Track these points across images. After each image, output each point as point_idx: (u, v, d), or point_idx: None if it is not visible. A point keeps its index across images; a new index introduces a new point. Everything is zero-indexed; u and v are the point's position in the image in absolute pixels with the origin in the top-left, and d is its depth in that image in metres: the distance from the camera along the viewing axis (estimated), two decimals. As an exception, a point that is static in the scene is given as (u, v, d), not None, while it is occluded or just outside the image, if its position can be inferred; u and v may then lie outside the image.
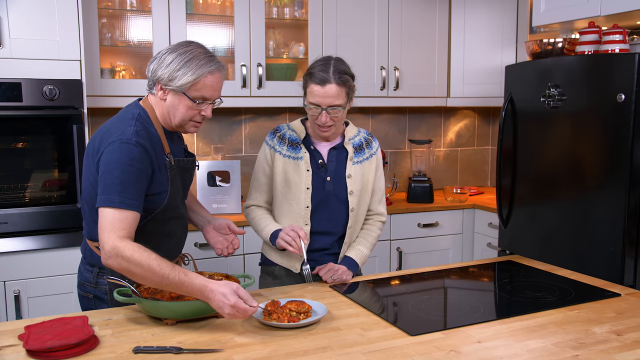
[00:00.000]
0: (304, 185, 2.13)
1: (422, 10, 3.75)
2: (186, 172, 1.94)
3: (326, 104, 2.03)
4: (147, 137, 1.76)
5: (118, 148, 1.69)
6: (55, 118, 2.69)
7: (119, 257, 1.61)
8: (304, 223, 2.15)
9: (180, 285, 1.62)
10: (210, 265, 3.03)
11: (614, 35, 2.68)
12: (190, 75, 1.74)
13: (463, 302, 1.93)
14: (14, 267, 2.65)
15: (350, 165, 2.17)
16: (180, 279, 1.61)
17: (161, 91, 1.79)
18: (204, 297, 1.62)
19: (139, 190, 1.70)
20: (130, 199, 1.66)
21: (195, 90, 1.76)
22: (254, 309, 1.61)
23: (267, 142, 2.21)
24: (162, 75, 1.76)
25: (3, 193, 2.68)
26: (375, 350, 1.51)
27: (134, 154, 1.69)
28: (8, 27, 2.62)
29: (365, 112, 4.02)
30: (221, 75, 1.82)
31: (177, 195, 1.88)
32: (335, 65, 2.05)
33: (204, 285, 1.61)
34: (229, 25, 3.37)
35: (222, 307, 1.59)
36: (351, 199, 2.16)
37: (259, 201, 2.23)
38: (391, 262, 3.54)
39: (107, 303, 1.89)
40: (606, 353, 1.50)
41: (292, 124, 2.23)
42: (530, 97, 2.91)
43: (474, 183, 4.43)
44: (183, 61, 1.75)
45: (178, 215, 1.92)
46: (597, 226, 2.58)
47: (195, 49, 1.80)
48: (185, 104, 1.78)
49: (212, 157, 3.55)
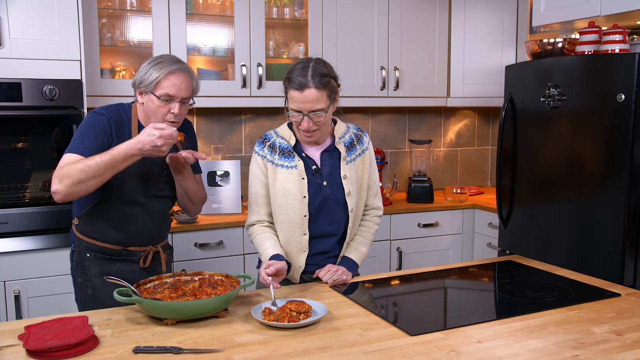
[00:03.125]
0: (301, 194, 2.06)
1: (422, 10, 3.75)
2: (153, 165, 2.09)
3: (307, 110, 1.94)
4: (116, 116, 2.03)
5: (88, 116, 2.05)
6: (55, 118, 2.69)
7: (64, 178, 1.86)
8: (302, 233, 2.08)
9: (114, 157, 1.85)
10: (210, 265, 3.03)
11: (614, 35, 2.68)
12: (153, 74, 1.98)
13: (463, 302, 1.93)
14: (14, 267, 2.65)
15: (344, 166, 2.11)
16: (111, 153, 1.86)
17: (139, 95, 2.05)
18: (135, 149, 1.84)
19: (95, 145, 1.94)
20: (84, 148, 1.93)
21: (160, 88, 1.98)
22: (172, 129, 1.85)
23: (258, 153, 2.12)
24: (136, 80, 2.03)
25: (3, 193, 2.68)
26: (375, 350, 1.51)
27: (98, 120, 2.00)
28: (8, 27, 2.62)
29: (365, 112, 4.02)
30: (185, 76, 2.01)
31: (130, 182, 2.05)
32: (315, 68, 1.96)
33: (130, 142, 1.86)
34: (229, 25, 3.37)
35: (154, 141, 1.83)
36: (349, 200, 2.11)
37: (261, 215, 2.13)
38: (391, 262, 3.54)
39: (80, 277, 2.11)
40: (606, 353, 1.50)
41: (280, 131, 2.13)
42: (530, 97, 2.91)
43: (474, 183, 4.43)
44: (151, 65, 2.01)
45: (136, 202, 2.08)
46: (597, 226, 2.58)
47: (165, 56, 2.05)
48: (154, 102, 1.99)
49: (212, 157, 3.55)
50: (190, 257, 3.01)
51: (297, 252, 2.11)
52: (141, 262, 2.13)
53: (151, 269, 2.17)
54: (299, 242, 2.09)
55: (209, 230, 3.05)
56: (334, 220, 2.13)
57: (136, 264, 2.13)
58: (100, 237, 2.09)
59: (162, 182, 2.14)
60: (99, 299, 2.06)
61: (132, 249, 2.12)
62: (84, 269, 2.10)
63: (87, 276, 2.10)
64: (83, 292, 2.11)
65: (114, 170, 1.87)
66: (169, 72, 1.98)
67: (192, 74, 2.07)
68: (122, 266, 2.11)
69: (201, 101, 3.25)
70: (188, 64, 3.18)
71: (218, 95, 3.29)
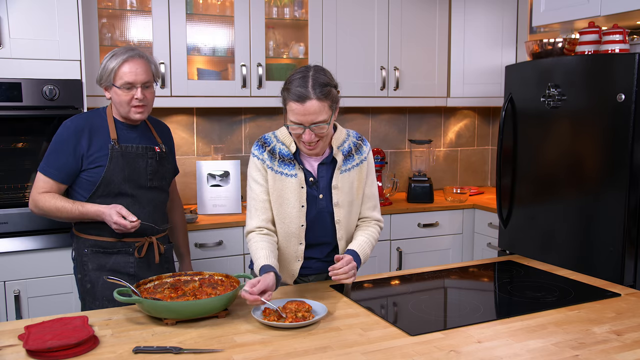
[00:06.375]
0: (299, 203, 1.99)
1: (422, 10, 3.75)
2: (137, 157, 2.18)
3: (308, 122, 1.85)
4: (87, 122, 2.13)
5: (59, 127, 2.15)
6: (55, 118, 2.68)
7: (36, 207, 2.12)
8: (298, 242, 2.02)
9: (83, 215, 2.09)
10: (210, 265, 3.03)
11: (614, 35, 2.68)
12: (110, 66, 2.08)
13: (463, 302, 1.93)
14: (14, 267, 2.65)
15: (337, 175, 2.01)
16: (79, 210, 2.08)
17: (106, 91, 2.15)
18: (100, 217, 2.07)
19: (60, 161, 2.10)
20: (49, 167, 2.11)
21: (118, 78, 2.08)
22: (133, 223, 2.03)
23: (257, 156, 2.02)
24: (97, 78, 2.14)
25: (3, 193, 2.68)
26: (375, 350, 1.51)
27: (63, 135, 2.11)
28: (8, 27, 2.62)
29: (365, 112, 4.02)
30: (140, 61, 2.10)
31: (120, 172, 2.13)
32: (315, 77, 1.86)
33: (98, 210, 2.06)
34: (229, 25, 3.37)
35: (110, 224, 2.05)
36: (336, 211, 2.02)
37: (260, 222, 2.01)
38: (391, 262, 3.54)
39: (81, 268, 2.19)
40: (606, 353, 1.50)
41: (280, 135, 2.04)
42: (530, 97, 2.91)
43: (474, 183, 4.43)
44: (107, 59, 2.11)
45: (125, 194, 2.15)
46: (597, 226, 2.58)
47: (119, 48, 2.13)
48: (118, 93, 2.10)
49: (212, 157, 3.55)
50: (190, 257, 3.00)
51: (292, 261, 2.07)
52: (136, 253, 2.18)
53: (148, 259, 2.21)
54: (295, 252, 2.05)
55: (209, 230, 3.05)
56: (327, 232, 2.06)
57: (132, 256, 2.18)
58: (94, 231, 2.16)
59: (149, 172, 2.21)
60: (96, 293, 2.14)
61: (127, 240, 2.17)
62: (83, 264, 2.18)
63: (85, 271, 2.17)
64: (83, 287, 2.18)
65: (82, 220, 2.13)
66: (124, 61, 2.07)
67: (149, 58, 2.15)
68: (117, 259, 2.16)
69: (201, 101, 3.26)
70: (188, 64, 3.22)
71: (218, 95, 3.29)
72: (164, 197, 2.30)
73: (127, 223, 2.02)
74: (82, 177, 2.13)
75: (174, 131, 3.52)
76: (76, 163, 2.11)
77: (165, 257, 2.28)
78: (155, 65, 2.18)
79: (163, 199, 2.30)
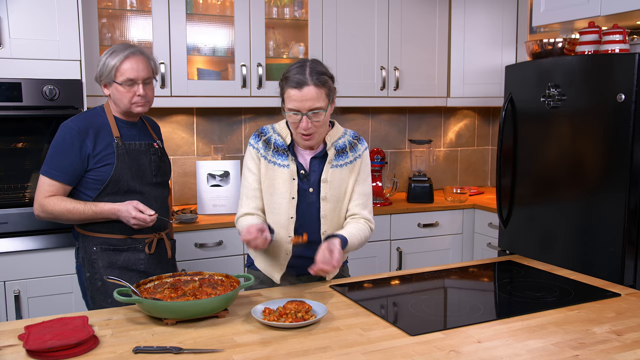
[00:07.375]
0: (289, 194, 2.01)
1: (422, 10, 3.75)
2: (141, 154, 2.20)
3: (306, 108, 1.90)
4: (88, 122, 2.13)
5: (59, 129, 2.13)
6: (56, 118, 2.68)
7: (44, 212, 2.10)
8: (287, 235, 2.04)
9: (96, 215, 2.08)
10: (210, 265, 3.03)
11: (614, 35, 2.68)
12: (111, 63, 2.09)
13: (463, 302, 1.93)
14: (14, 267, 2.65)
15: (328, 169, 2.04)
16: (92, 210, 2.08)
17: (104, 88, 2.16)
18: (114, 216, 2.07)
19: (65, 163, 2.08)
20: (53, 170, 2.09)
21: (120, 75, 2.10)
22: (152, 217, 2.04)
23: (253, 145, 2.08)
24: (96, 75, 2.14)
25: (3, 193, 2.68)
26: (375, 350, 1.51)
27: (66, 136, 2.10)
28: (8, 27, 2.62)
29: (365, 112, 4.02)
30: (141, 58, 2.12)
31: (128, 170, 2.15)
32: (312, 66, 1.93)
33: (113, 208, 2.07)
34: (229, 25, 3.37)
35: (128, 220, 2.05)
36: (323, 205, 2.03)
37: (250, 209, 2.07)
38: (391, 262, 3.54)
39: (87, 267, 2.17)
40: (606, 353, 1.50)
41: (278, 127, 2.09)
42: (530, 97, 2.91)
43: (474, 183, 4.43)
44: (106, 56, 2.12)
45: (135, 191, 2.16)
46: (597, 226, 2.58)
47: (117, 45, 2.15)
48: (119, 90, 2.11)
49: (212, 157, 3.55)
50: (190, 257, 3.01)
51: (281, 254, 2.08)
52: (146, 249, 2.18)
53: (158, 255, 2.23)
54: (284, 245, 2.06)
55: (209, 230, 3.05)
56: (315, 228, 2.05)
57: (142, 252, 2.18)
58: (104, 229, 2.14)
59: (153, 168, 2.22)
60: (107, 290, 2.12)
61: (136, 236, 2.17)
62: (92, 262, 2.15)
63: (95, 269, 2.15)
64: (93, 286, 2.16)
65: (95, 220, 2.11)
66: (125, 57, 2.09)
67: (148, 55, 2.18)
68: (128, 256, 2.17)
69: (201, 101, 3.26)
70: (188, 64, 3.22)
71: (218, 95, 3.29)
72: (167, 192, 2.32)
73: (147, 217, 2.04)
74: (87, 177, 2.12)
75: (174, 131, 3.52)
76: (82, 164, 2.10)
77: (172, 253, 2.31)
78: (154, 61, 2.21)
79: (166, 194, 2.32)
